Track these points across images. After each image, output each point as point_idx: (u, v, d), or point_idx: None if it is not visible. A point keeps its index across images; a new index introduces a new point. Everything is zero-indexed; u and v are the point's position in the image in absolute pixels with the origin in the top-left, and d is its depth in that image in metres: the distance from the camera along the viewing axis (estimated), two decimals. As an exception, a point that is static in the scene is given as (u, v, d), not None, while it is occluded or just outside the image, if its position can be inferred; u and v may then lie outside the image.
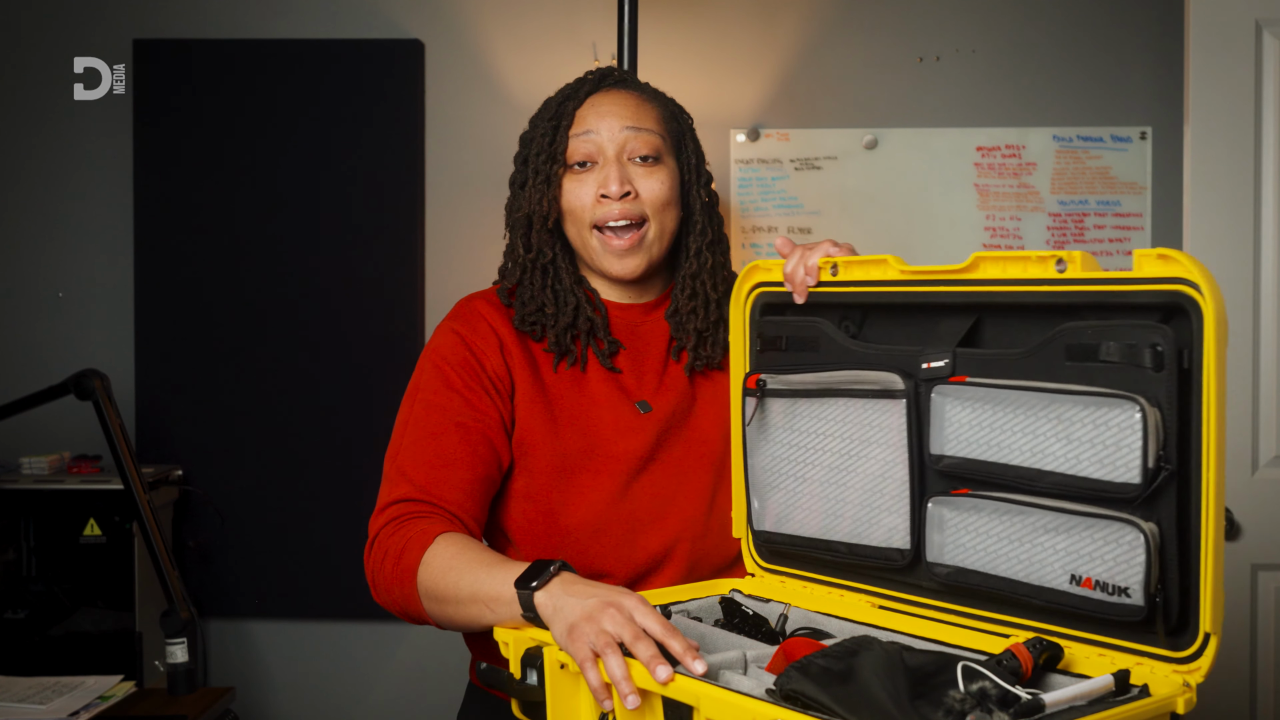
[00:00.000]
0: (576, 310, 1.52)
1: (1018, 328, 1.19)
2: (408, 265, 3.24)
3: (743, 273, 1.47)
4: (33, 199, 3.31)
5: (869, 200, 3.25)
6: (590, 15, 3.24)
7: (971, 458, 1.18)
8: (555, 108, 1.55)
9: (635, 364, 1.55)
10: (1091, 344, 1.10)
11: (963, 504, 1.19)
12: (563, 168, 1.51)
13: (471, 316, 1.54)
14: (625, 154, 1.50)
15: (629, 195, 1.49)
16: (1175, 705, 1.00)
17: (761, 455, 1.42)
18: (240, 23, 3.27)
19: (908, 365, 1.26)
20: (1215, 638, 1.03)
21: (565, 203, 1.51)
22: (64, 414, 2.60)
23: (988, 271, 1.21)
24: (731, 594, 1.42)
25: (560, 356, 1.52)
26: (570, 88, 1.56)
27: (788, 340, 1.40)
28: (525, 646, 1.20)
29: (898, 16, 3.26)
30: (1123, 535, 1.06)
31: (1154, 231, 3.22)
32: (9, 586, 2.92)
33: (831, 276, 1.36)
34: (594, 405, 1.50)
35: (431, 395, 1.50)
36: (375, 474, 1.55)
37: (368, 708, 3.32)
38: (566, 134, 1.51)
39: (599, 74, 1.57)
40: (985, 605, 1.20)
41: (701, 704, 1.02)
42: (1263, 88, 2.81)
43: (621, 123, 1.50)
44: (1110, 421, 1.07)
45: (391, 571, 1.38)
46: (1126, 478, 1.06)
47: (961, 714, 0.96)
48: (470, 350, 1.50)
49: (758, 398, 1.41)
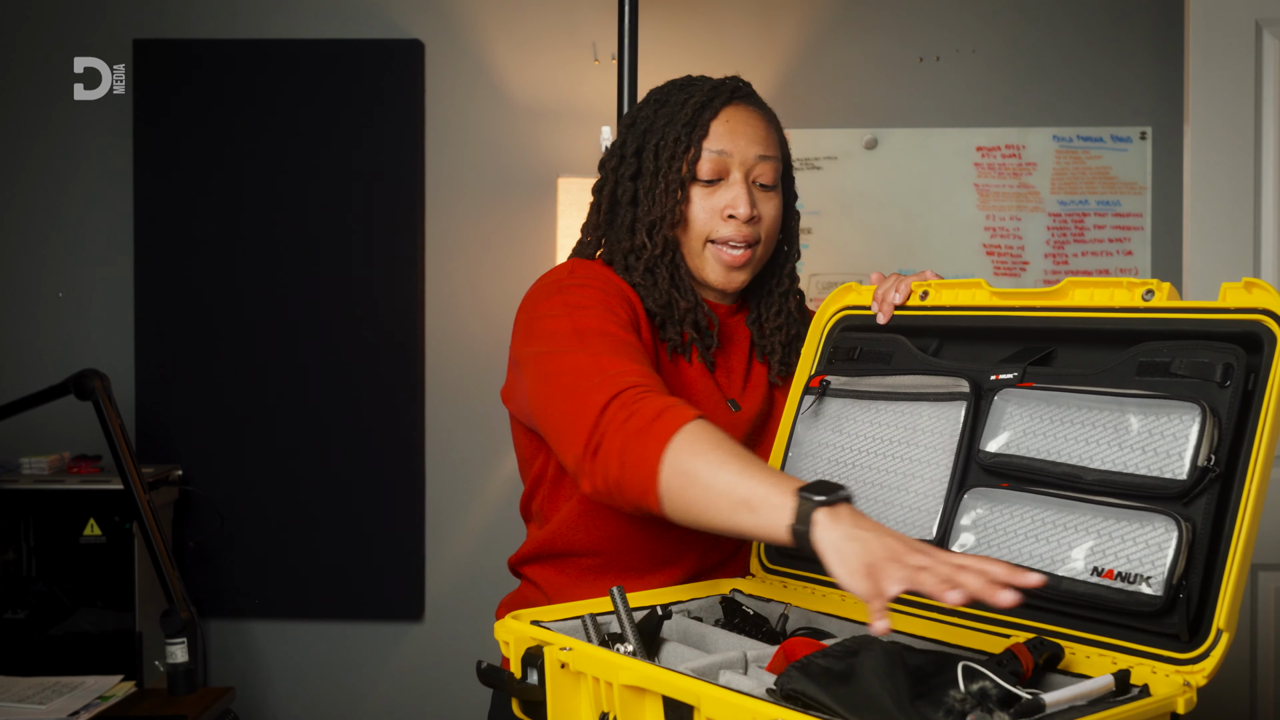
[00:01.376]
0: (695, 307, 1.55)
1: (1093, 354, 1.23)
2: (408, 265, 3.24)
3: (835, 291, 1.54)
4: (33, 199, 3.31)
5: (869, 200, 3.25)
6: (590, 15, 3.24)
7: (1018, 454, 1.21)
8: (690, 114, 1.54)
9: (724, 362, 1.59)
10: (1164, 361, 1.15)
11: (998, 496, 1.21)
12: (692, 180, 1.54)
13: (599, 271, 1.53)
14: (752, 177, 1.54)
15: (755, 219, 1.54)
16: (1175, 705, 1.01)
17: (802, 453, 1.45)
18: (240, 23, 3.27)
19: (978, 378, 1.30)
20: (1227, 635, 1.04)
21: (690, 213, 1.54)
22: (64, 414, 2.59)
23: (1076, 298, 1.26)
24: (732, 594, 1.42)
25: (673, 348, 1.54)
26: (703, 94, 1.55)
27: (861, 351, 1.45)
28: (525, 646, 1.20)
29: (898, 16, 3.26)
30: (1156, 527, 1.08)
31: (1154, 231, 3.22)
32: (9, 586, 2.92)
33: (921, 301, 1.41)
34: (694, 396, 1.53)
35: (575, 326, 1.39)
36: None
37: (367, 708, 3.31)
38: (700, 145, 1.53)
39: (731, 85, 1.58)
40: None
41: (702, 703, 1.02)
42: (1263, 88, 2.81)
43: (755, 149, 1.54)
44: (1168, 423, 1.11)
45: (637, 430, 1.22)
46: (1173, 473, 1.09)
47: (962, 714, 0.96)
48: (606, 291, 1.48)
49: (817, 396, 1.45)
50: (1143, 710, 0.99)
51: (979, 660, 1.05)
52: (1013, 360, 1.28)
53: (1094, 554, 1.12)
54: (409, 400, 3.23)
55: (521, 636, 1.22)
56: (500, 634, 1.24)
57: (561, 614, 1.29)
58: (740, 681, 1.10)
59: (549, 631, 1.22)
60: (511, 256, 3.24)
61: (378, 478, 3.20)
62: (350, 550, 3.21)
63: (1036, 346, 1.28)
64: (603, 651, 1.16)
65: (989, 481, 1.24)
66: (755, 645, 1.24)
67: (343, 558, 3.21)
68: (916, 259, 3.24)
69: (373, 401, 3.21)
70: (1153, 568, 1.07)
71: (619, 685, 1.09)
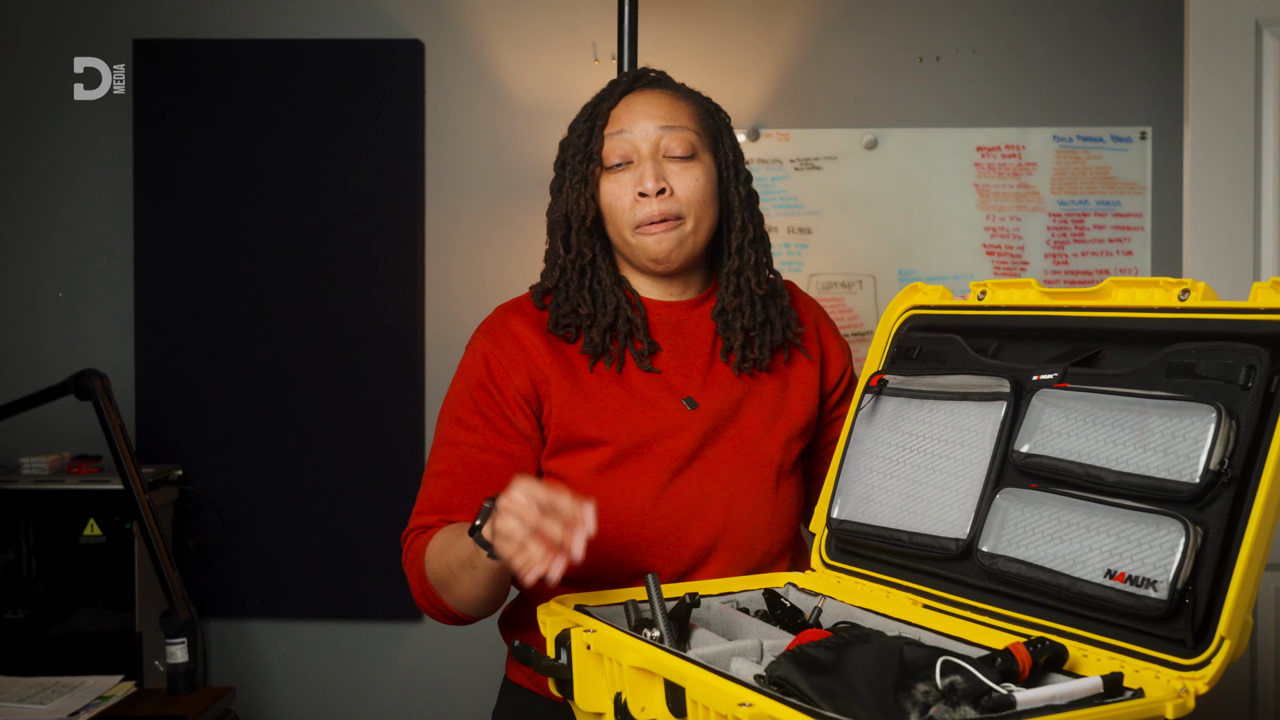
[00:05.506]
0: (617, 310, 1.53)
1: (1131, 354, 1.24)
2: (408, 265, 3.24)
3: (903, 291, 1.53)
4: (33, 199, 3.32)
5: (869, 200, 3.25)
6: (590, 15, 3.24)
7: (1047, 454, 1.22)
8: (590, 109, 1.56)
9: (680, 361, 1.56)
10: (1190, 362, 1.15)
11: (1028, 496, 1.22)
12: (599, 168, 1.53)
13: (499, 331, 1.55)
14: (660, 152, 1.51)
15: (665, 193, 1.50)
16: (1165, 710, 1.00)
17: (860, 449, 1.46)
18: (240, 23, 3.27)
19: (1021, 378, 1.31)
20: (1229, 642, 1.03)
21: (603, 202, 1.53)
22: (64, 414, 2.60)
23: (1118, 297, 1.27)
24: (787, 587, 1.46)
25: (596, 358, 1.53)
26: (605, 90, 1.57)
27: (920, 351, 1.46)
28: (561, 627, 1.27)
29: (898, 16, 3.26)
30: (1165, 530, 1.08)
31: (1154, 231, 3.22)
32: (9, 586, 2.92)
33: (979, 301, 1.43)
34: (640, 403, 1.52)
35: (462, 414, 1.54)
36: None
37: (368, 708, 3.32)
38: (602, 134, 1.53)
39: (633, 74, 1.58)
40: (1020, 603, 1.22)
41: (688, 685, 1.07)
42: (1263, 88, 2.81)
43: (656, 122, 1.52)
44: (1187, 425, 1.10)
45: (419, 591, 1.48)
46: (1185, 476, 1.09)
47: (927, 706, 0.98)
48: (492, 373, 1.52)
49: (875, 395, 1.46)
50: (1125, 713, 0.99)
51: (962, 656, 1.05)
52: (1058, 360, 1.29)
53: (1109, 556, 1.12)
54: (409, 399, 3.23)
55: (559, 619, 1.29)
56: (541, 614, 1.32)
57: (606, 599, 1.36)
58: (746, 668, 1.14)
59: (585, 616, 1.28)
60: (511, 256, 3.24)
61: (378, 477, 3.20)
62: (350, 550, 3.21)
63: (1084, 347, 1.29)
64: (618, 634, 1.21)
65: (1020, 482, 1.25)
66: (777, 635, 1.27)
67: (343, 558, 3.22)
68: (916, 259, 3.24)
69: (372, 401, 3.21)
70: (1161, 572, 1.07)
71: (627, 666, 1.15)
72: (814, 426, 1.64)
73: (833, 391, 1.67)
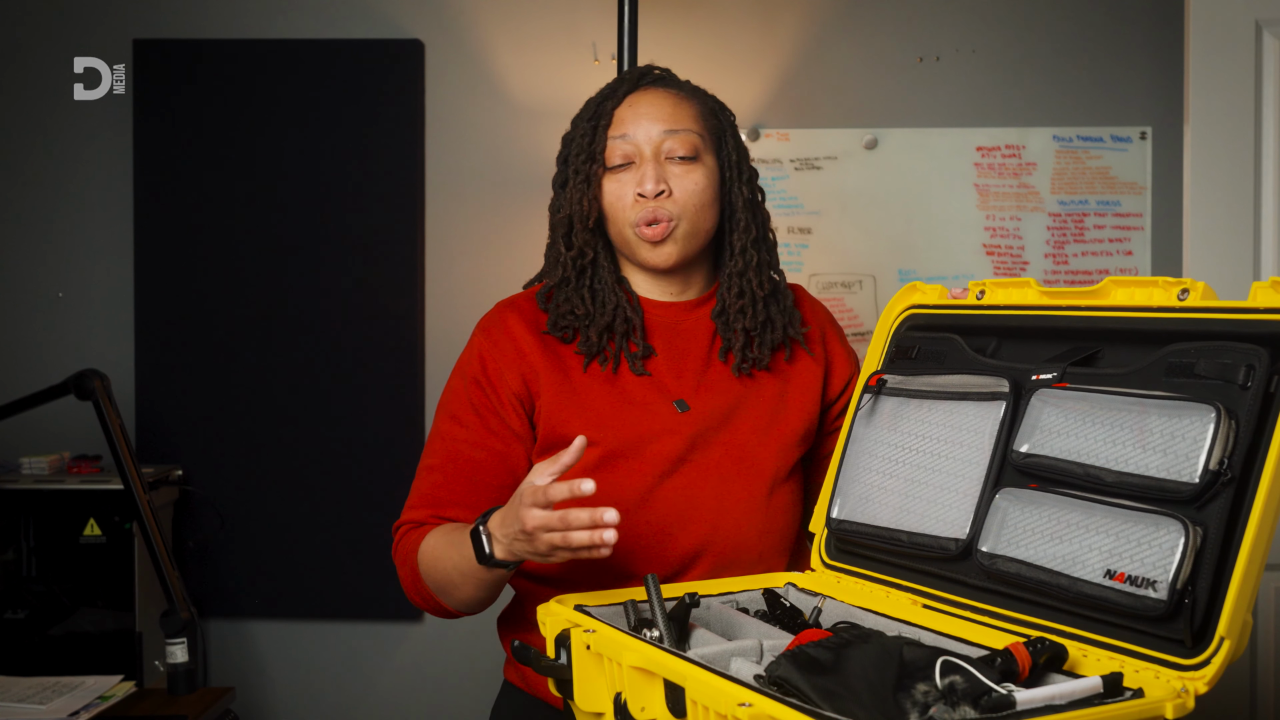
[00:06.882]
0: (615, 309, 1.53)
1: (1131, 354, 1.24)
2: (408, 265, 3.24)
3: (901, 291, 1.53)
4: (33, 199, 3.31)
5: (869, 200, 3.25)
6: (590, 15, 3.24)
7: (1046, 454, 1.22)
8: (594, 107, 1.55)
9: (675, 363, 1.55)
10: (1189, 362, 1.15)
11: (1027, 497, 1.22)
12: (602, 168, 1.53)
13: (495, 329, 1.56)
14: (663, 154, 1.52)
15: (663, 194, 1.50)
16: (1164, 710, 1.00)
17: (859, 449, 1.46)
18: (240, 23, 3.27)
19: (1020, 377, 1.31)
20: (1229, 642, 1.03)
21: (605, 202, 1.53)
22: (64, 414, 2.60)
23: (1117, 297, 1.27)
24: (787, 587, 1.46)
25: (590, 358, 1.53)
26: (609, 87, 1.57)
27: (918, 350, 1.46)
28: (560, 627, 1.27)
29: (898, 16, 3.26)
30: (1164, 531, 1.08)
31: (1154, 231, 3.22)
32: (9, 586, 2.92)
33: (977, 300, 1.43)
34: (629, 404, 1.51)
35: (457, 409, 1.56)
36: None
37: (368, 708, 3.32)
38: (605, 134, 1.53)
39: (638, 73, 1.58)
40: (1019, 603, 1.22)
41: (688, 684, 1.07)
42: (1263, 88, 2.81)
43: (659, 125, 1.52)
44: (1186, 425, 1.10)
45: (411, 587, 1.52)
46: (1185, 477, 1.09)
47: (927, 706, 0.98)
48: (486, 371, 1.53)
49: (874, 395, 1.46)
50: (1124, 713, 0.99)
51: (962, 656, 1.05)
52: (1058, 360, 1.29)
53: (1109, 557, 1.12)
54: (409, 400, 3.23)
55: (559, 619, 1.29)
56: (541, 614, 1.32)
57: (606, 599, 1.36)
58: (746, 668, 1.14)
59: (585, 616, 1.28)
60: (511, 256, 3.24)
61: (378, 477, 3.20)
62: (350, 550, 3.21)
63: (1083, 346, 1.29)
64: (618, 635, 1.21)
65: (1020, 482, 1.25)
66: (777, 635, 1.27)
67: (343, 558, 3.22)
68: (916, 259, 3.24)
69: (373, 401, 3.21)
70: (1161, 572, 1.07)
71: (627, 666, 1.15)
72: (813, 434, 1.62)
73: (835, 401, 1.65)
